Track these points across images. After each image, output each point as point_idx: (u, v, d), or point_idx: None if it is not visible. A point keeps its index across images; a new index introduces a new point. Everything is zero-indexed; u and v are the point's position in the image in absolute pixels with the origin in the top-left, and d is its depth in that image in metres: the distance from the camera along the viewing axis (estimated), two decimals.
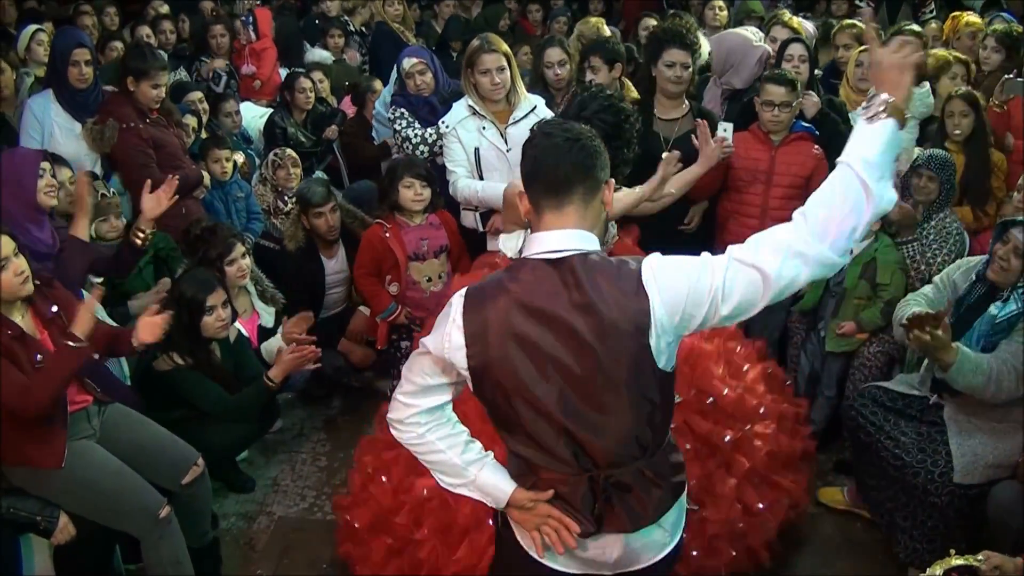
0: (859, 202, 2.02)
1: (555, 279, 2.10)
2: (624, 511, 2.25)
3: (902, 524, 3.66)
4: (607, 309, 2.07)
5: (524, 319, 2.10)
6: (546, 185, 2.14)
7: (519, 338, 2.10)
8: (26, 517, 3.22)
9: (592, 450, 2.19)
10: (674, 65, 4.50)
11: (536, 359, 2.11)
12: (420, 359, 2.27)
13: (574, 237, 2.14)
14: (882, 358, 4.33)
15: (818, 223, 2.03)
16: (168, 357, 3.93)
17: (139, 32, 6.90)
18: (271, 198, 5.64)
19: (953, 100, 4.77)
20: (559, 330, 2.09)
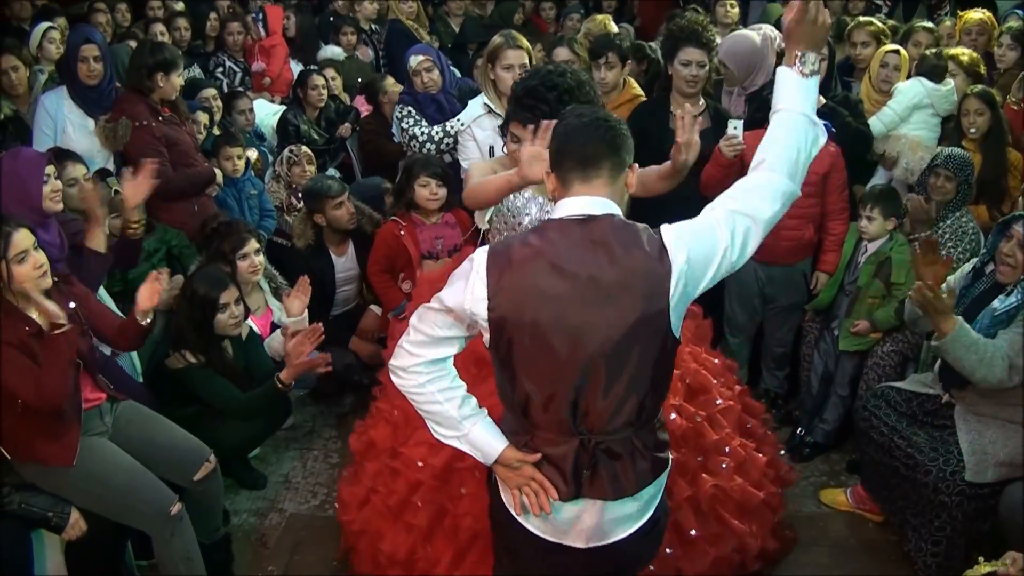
0: (815, 139, 2.35)
1: (583, 237, 2.19)
2: (608, 479, 2.32)
3: (913, 523, 3.64)
4: (632, 269, 2.17)
5: (549, 274, 2.17)
6: (575, 160, 2.25)
7: (543, 292, 2.17)
8: (38, 513, 3.23)
9: (592, 413, 2.26)
10: (690, 64, 4.46)
11: (558, 314, 2.17)
12: (432, 312, 2.33)
13: (601, 203, 2.25)
14: (896, 357, 4.31)
15: (789, 164, 2.31)
16: (180, 355, 3.94)
17: (153, 29, 6.91)
18: (284, 195, 5.64)
19: (969, 98, 4.74)
20: (584, 287, 2.16)
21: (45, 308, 3.08)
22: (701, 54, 4.46)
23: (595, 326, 2.17)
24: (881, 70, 5.28)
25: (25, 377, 3.03)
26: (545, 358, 2.21)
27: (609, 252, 2.17)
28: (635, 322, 2.17)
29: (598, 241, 2.19)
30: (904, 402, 3.84)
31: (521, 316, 2.19)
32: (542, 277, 2.18)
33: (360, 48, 7.76)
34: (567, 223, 2.23)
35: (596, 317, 2.16)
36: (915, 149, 4.95)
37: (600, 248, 2.18)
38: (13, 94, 5.21)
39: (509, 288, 2.19)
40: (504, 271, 2.21)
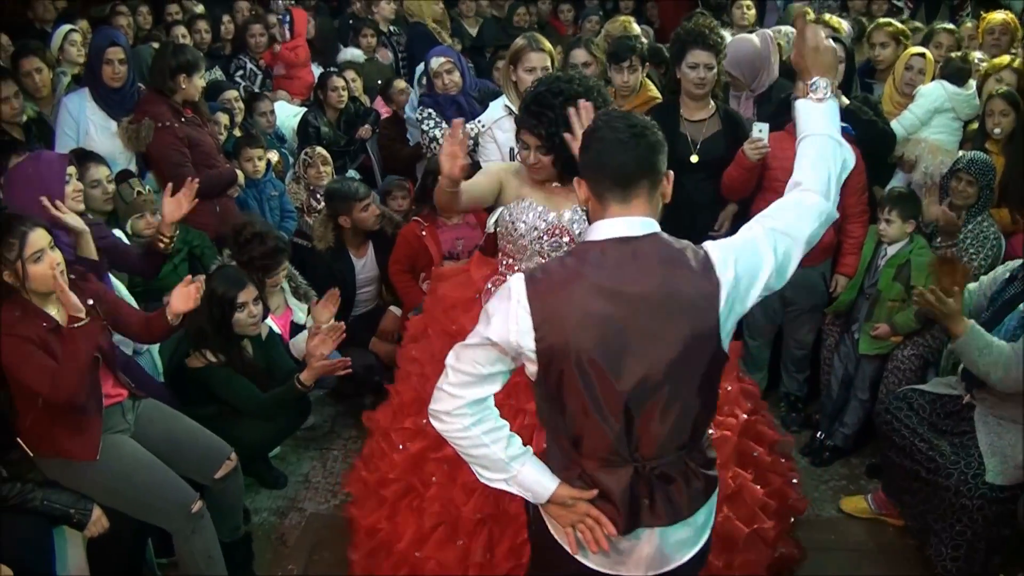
0: (845, 160, 2.38)
1: (629, 259, 2.14)
2: (663, 504, 2.26)
3: (934, 527, 3.62)
4: (683, 287, 2.13)
5: (596, 298, 2.11)
6: (612, 181, 2.17)
7: (593, 317, 2.10)
8: (60, 510, 3.25)
9: (647, 437, 2.20)
10: (697, 66, 4.43)
11: (610, 338, 2.10)
12: (473, 349, 2.23)
13: (642, 223, 2.18)
14: (916, 361, 4.29)
15: (823, 184, 2.32)
16: (200, 354, 3.96)
17: (174, 32, 6.95)
18: (304, 196, 5.67)
19: (993, 99, 4.71)
20: (635, 308, 2.11)
21: (69, 300, 3.10)
22: (709, 56, 4.42)
23: (648, 347, 2.12)
24: (906, 73, 5.26)
25: (42, 373, 3.06)
26: (598, 385, 2.13)
27: (656, 271, 2.13)
28: (687, 341, 2.13)
29: (643, 261, 2.13)
30: (927, 404, 3.81)
31: (571, 343, 2.10)
32: (590, 301, 2.10)
33: (379, 50, 7.79)
34: (609, 244, 2.16)
35: (649, 338, 2.11)
36: (935, 153, 4.93)
37: (646, 268, 2.13)
38: (36, 96, 5.24)
39: (556, 316, 2.11)
40: (548, 298, 2.13)
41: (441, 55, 5.39)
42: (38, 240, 3.10)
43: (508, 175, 3.41)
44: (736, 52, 5.01)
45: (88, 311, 3.21)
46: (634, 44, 4.90)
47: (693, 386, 2.19)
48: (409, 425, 3.46)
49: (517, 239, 3.35)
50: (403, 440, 3.43)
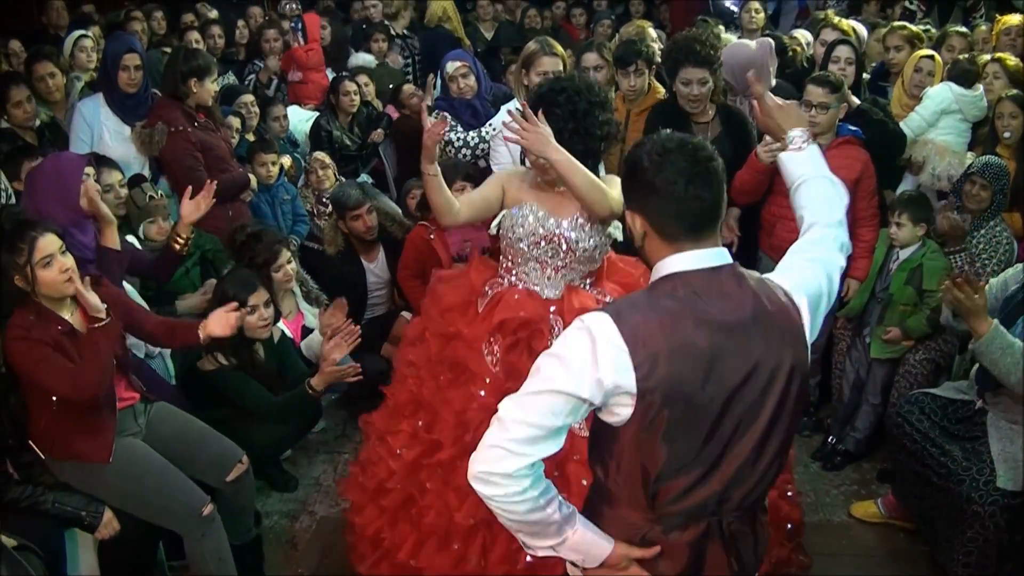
0: (841, 194, 2.45)
1: (722, 288, 1.99)
2: (734, 563, 2.12)
3: (945, 533, 3.60)
4: (778, 314, 2.03)
5: (703, 330, 1.94)
6: (687, 223, 2.00)
7: (701, 351, 1.93)
8: (71, 512, 3.26)
9: (737, 486, 2.05)
10: (690, 83, 4.40)
11: (720, 373, 1.95)
12: (543, 398, 1.94)
13: (718, 253, 2.04)
14: (928, 366, 4.27)
15: (838, 218, 2.36)
16: (212, 357, 3.98)
17: (188, 37, 6.99)
18: (313, 200, 5.70)
19: (1003, 102, 4.69)
20: (743, 340, 1.97)
21: (88, 300, 3.14)
22: (701, 72, 4.38)
23: (756, 380, 1.97)
24: (915, 75, 5.26)
25: (61, 374, 3.09)
26: (700, 426, 1.96)
27: (751, 300, 2.00)
28: (790, 371, 2.01)
29: (736, 290, 2.00)
30: (939, 409, 3.79)
31: (678, 381, 1.91)
32: (693, 334, 1.93)
33: (391, 55, 7.81)
34: (693, 276, 1.99)
35: (757, 370, 1.97)
36: (942, 155, 4.92)
37: (741, 297, 1.99)
38: (50, 100, 5.28)
39: (659, 351, 1.91)
40: (646, 334, 1.92)
41: (457, 59, 5.40)
42: (47, 245, 3.12)
43: (511, 178, 3.42)
44: (731, 58, 5.00)
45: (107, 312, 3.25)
46: (640, 48, 4.88)
47: (787, 424, 2.05)
48: (405, 428, 3.44)
49: (515, 243, 3.33)
50: (400, 445, 3.41)
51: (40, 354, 3.09)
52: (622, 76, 4.82)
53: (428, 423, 3.36)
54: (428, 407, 3.40)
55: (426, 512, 3.26)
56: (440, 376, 3.39)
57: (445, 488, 3.24)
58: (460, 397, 3.28)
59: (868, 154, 4.47)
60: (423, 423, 3.38)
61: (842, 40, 5.02)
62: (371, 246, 5.11)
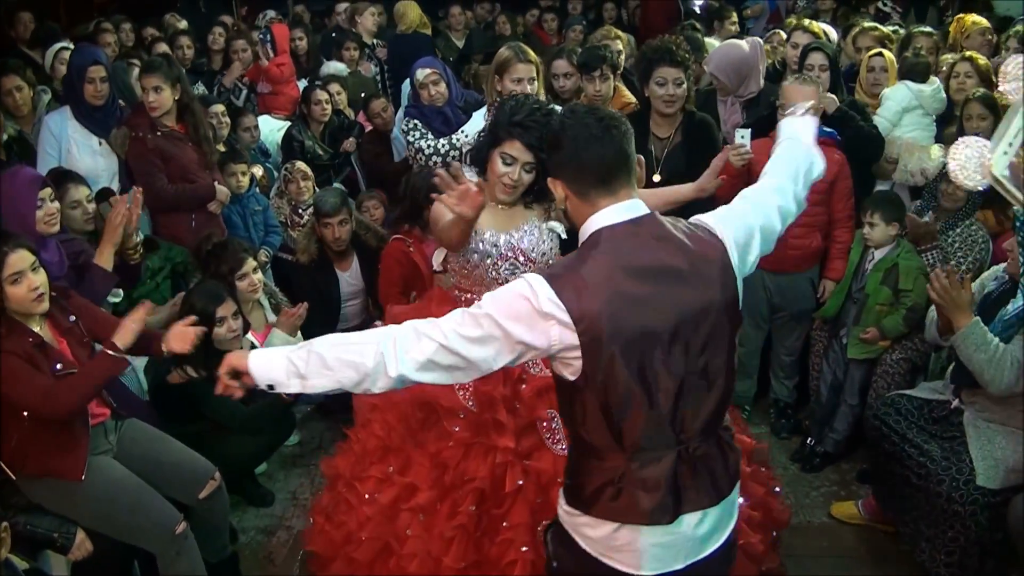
0: (813, 162, 2.60)
1: (642, 237, 2.17)
2: (707, 485, 2.27)
3: (926, 533, 3.61)
4: (702, 253, 2.19)
5: (628, 279, 2.11)
6: (596, 174, 2.18)
7: (632, 299, 2.10)
8: (43, 534, 3.22)
9: (691, 416, 2.21)
10: (666, 83, 4.34)
11: (653, 315, 2.11)
12: (490, 343, 2.12)
13: (634, 204, 2.21)
14: (905, 365, 4.29)
15: (790, 173, 2.51)
16: (182, 370, 3.93)
17: (156, 48, 6.93)
18: (287, 211, 5.65)
19: (971, 103, 4.71)
20: (670, 282, 2.14)
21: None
22: (677, 72, 4.34)
23: (691, 317, 2.14)
24: (869, 75, 5.28)
25: (32, 386, 3.05)
26: (648, 367, 2.12)
27: (674, 243, 2.17)
28: (722, 305, 2.18)
29: (659, 237, 2.17)
30: (915, 409, 3.80)
31: (617, 329, 2.08)
32: (625, 284, 2.10)
33: (362, 63, 7.78)
34: (618, 228, 2.16)
35: (690, 308, 2.14)
36: (911, 151, 4.93)
37: (665, 243, 2.17)
38: (17, 115, 5.23)
39: (595, 305, 2.07)
40: (582, 291, 2.08)
41: (427, 66, 5.37)
42: (17, 262, 3.09)
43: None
44: (724, 56, 5.02)
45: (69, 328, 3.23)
46: (604, 53, 4.87)
47: (727, 355, 2.23)
48: (376, 474, 3.29)
49: (472, 271, 3.25)
50: (370, 491, 3.27)
51: (13, 366, 3.05)
52: (587, 81, 4.80)
53: (401, 466, 3.24)
54: (399, 451, 3.29)
55: (408, 561, 3.11)
56: (410, 418, 3.29)
57: (428, 534, 3.11)
58: (434, 437, 3.19)
59: (844, 156, 4.48)
60: (394, 467, 3.24)
61: (815, 47, 5.00)
62: (344, 255, 5.07)
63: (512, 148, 3.12)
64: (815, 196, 4.39)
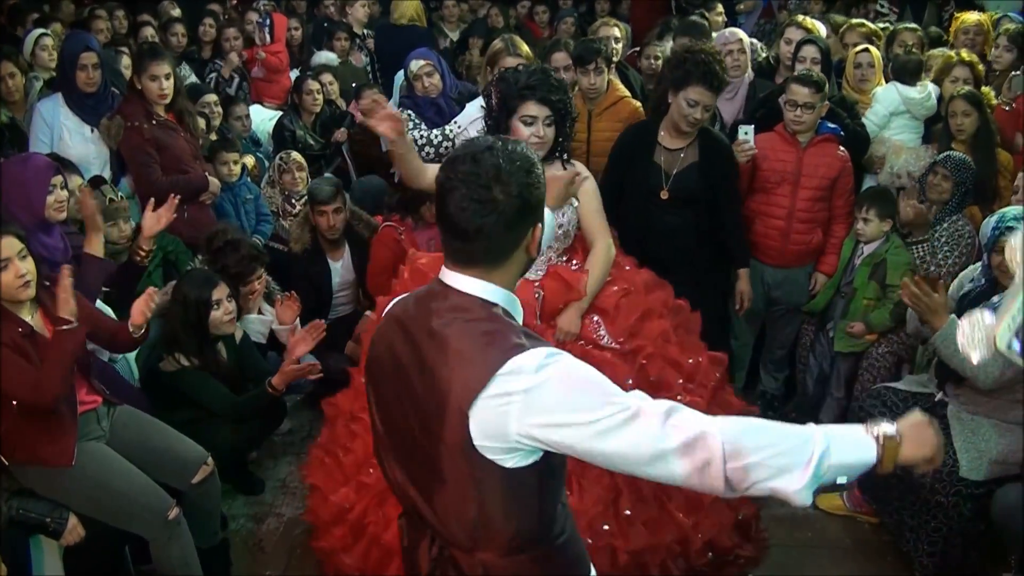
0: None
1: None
2: None
3: (910, 523, 3.65)
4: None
5: None
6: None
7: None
8: (35, 518, 3.23)
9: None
10: (696, 105, 4.03)
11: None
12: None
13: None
14: (891, 359, 4.33)
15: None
16: (174, 358, 3.94)
17: (143, 33, 6.93)
18: (280, 200, 5.66)
19: (955, 100, 4.75)
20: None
21: (64, 304, 3.11)
22: (711, 97, 4.07)
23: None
24: (856, 71, 5.31)
25: (21, 376, 3.05)
26: None
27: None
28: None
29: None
30: (901, 402, 3.84)
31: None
32: None
33: (353, 53, 7.77)
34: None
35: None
36: (898, 152, 4.98)
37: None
38: (9, 101, 5.22)
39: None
40: None
41: (421, 58, 5.38)
42: (6, 248, 3.09)
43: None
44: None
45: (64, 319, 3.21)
46: (599, 46, 4.90)
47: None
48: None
49: None
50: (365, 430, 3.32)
51: (2, 356, 3.05)
52: (581, 74, 4.81)
53: None
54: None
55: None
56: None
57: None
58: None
59: (848, 152, 4.51)
60: None
61: (808, 40, 5.04)
62: (337, 245, 5.07)
63: (528, 108, 3.37)
64: (819, 193, 4.45)
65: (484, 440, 1.79)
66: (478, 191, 1.80)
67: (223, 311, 3.99)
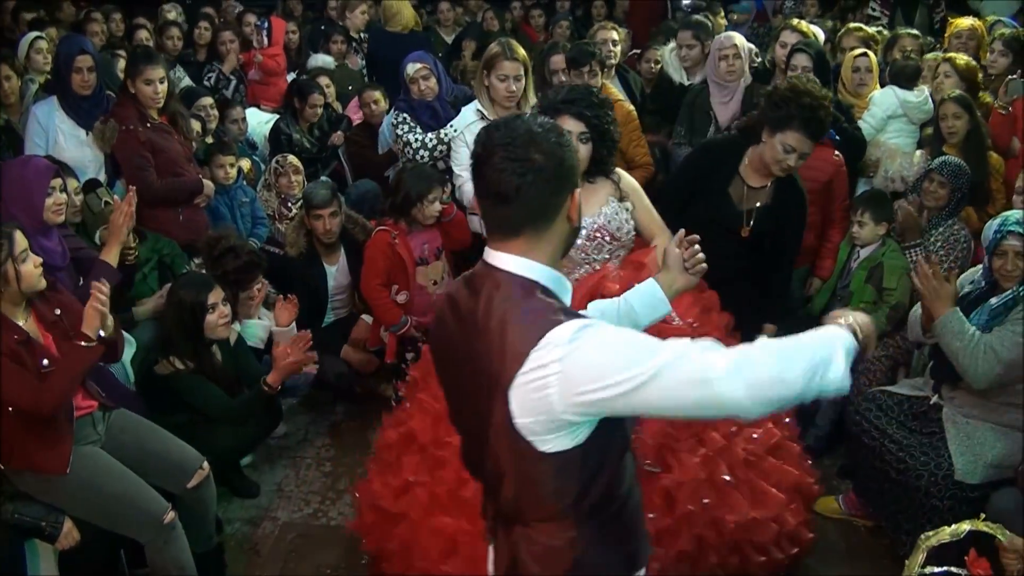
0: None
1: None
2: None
3: (906, 527, 3.65)
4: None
5: None
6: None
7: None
8: (31, 522, 3.23)
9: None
10: (793, 152, 3.73)
11: None
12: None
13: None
14: (887, 362, 4.33)
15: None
16: (169, 361, 3.93)
17: (139, 36, 6.93)
18: (276, 204, 5.65)
19: (946, 103, 4.77)
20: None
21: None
22: (811, 146, 3.77)
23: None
24: (854, 75, 5.32)
25: (20, 385, 3.04)
26: None
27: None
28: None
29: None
30: (896, 406, 3.85)
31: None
32: None
33: (349, 56, 7.77)
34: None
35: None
36: (893, 156, 4.99)
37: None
38: (5, 103, 5.23)
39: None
40: None
41: (417, 61, 5.38)
42: (22, 240, 3.11)
43: None
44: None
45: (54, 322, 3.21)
46: (593, 50, 4.90)
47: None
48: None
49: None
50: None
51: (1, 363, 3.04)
52: (575, 77, 4.82)
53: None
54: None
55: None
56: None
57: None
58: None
59: (842, 156, 4.51)
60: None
61: (799, 48, 5.03)
62: (332, 249, 5.07)
63: (564, 123, 3.25)
64: (812, 196, 4.43)
65: (526, 418, 1.83)
66: (514, 151, 1.85)
67: (218, 315, 3.97)
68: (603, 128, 3.41)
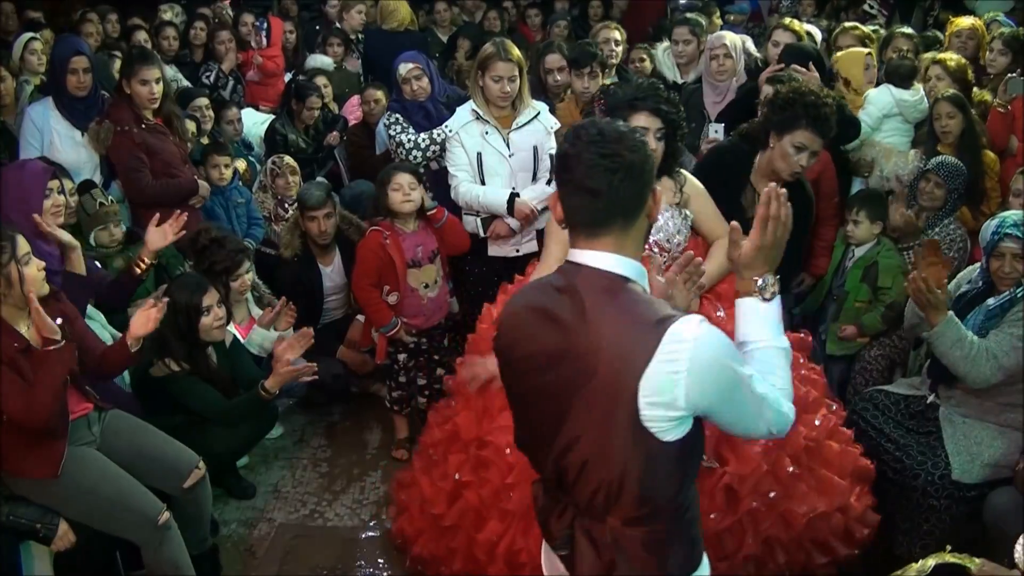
0: (788, 365, 2.15)
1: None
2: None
3: (902, 527, 3.65)
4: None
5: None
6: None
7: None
8: (26, 524, 3.22)
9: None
10: (804, 151, 3.76)
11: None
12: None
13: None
14: (883, 362, 4.33)
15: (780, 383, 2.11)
16: (164, 363, 3.92)
17: (135, 37, 6.91)
18: (272, 205, 5.64)
19: (940, 103, 4.77)
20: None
21: (44, 322, 3.06)
22: (820, 144, 3.80)
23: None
24: (866, 73, 5.30)
25: (15, 395, 3.01)
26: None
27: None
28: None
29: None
30: (892, 405, 3.85)
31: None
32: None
33: (347, 59, 7.76)
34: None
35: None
36: (888, 156, 4.99)
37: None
38: (0, 105, 5.20)
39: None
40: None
41: (410, 61, 5.37)
42: (24, 243, 3.11)
43: None
44: None
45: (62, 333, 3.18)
46: (595, 51, 4.90)
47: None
48: (505, 423, 3.15)
49: None
50: (507, 443, 3.11)
51: None
52: (576, 77, 4.83)
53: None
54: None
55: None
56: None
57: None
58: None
59: (828, 154, 4.50)
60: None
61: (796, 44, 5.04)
62: (327, 250, 5.05)
63: (639, 120, 3.25)
64: None
65: (652, 411, 1.87)
66: (606, 147, 1.91)
67: (213, 317, 3.96)
68: (678, 123, 3.40)
